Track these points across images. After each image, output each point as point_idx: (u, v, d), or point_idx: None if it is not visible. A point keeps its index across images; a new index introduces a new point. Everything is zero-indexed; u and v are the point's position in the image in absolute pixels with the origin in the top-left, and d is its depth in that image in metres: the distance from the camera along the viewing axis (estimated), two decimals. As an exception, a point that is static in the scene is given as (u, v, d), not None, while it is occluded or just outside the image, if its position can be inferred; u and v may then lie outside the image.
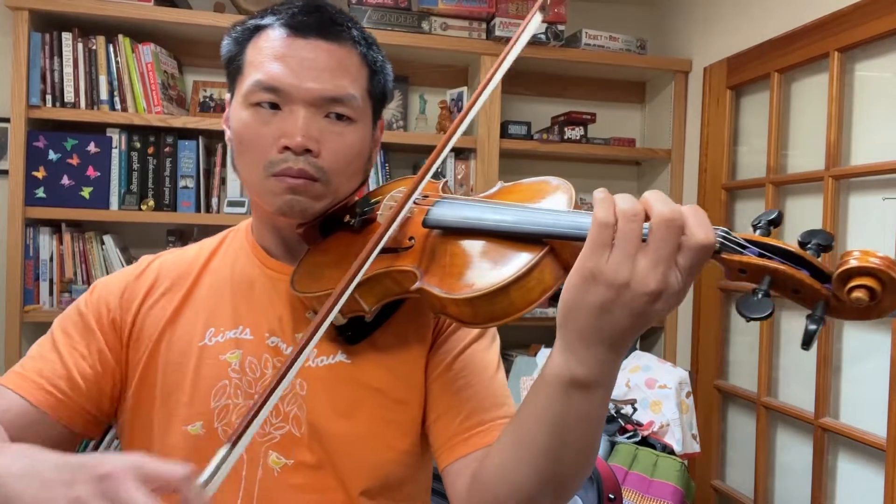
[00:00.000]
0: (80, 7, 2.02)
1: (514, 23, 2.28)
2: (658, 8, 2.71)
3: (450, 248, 0.71)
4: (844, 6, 1.75)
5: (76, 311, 0.85)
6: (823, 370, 1.80)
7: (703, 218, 0.56)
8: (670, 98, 2.53)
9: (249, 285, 0.86)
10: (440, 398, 0.82)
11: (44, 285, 2.09)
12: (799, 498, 1.92)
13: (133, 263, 0.90)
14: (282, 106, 0.78)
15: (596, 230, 0.56)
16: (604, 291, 0.56)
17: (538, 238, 0.65)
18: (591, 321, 0.58)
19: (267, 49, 0.79)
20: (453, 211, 0.74)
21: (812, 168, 1.90)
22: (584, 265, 0.57)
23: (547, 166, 2.64)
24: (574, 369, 0.60)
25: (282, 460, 0.79)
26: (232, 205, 2.20)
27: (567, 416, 0.62)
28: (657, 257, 0.55)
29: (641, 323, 0.57)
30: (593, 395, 0.61)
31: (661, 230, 0.55)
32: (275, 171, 0.78)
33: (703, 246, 0.55)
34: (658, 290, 0.55)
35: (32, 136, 2.06)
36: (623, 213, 0.56)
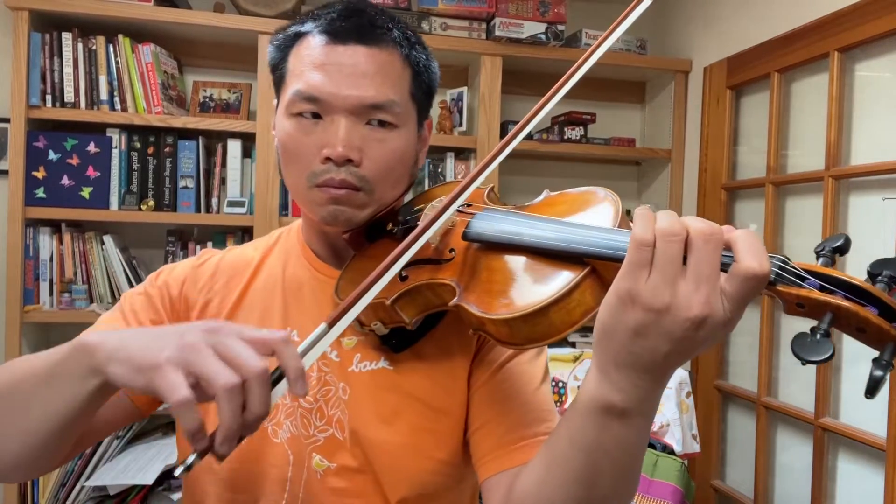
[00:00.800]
0: (80, 7, 2.02)
1: (514, 23, 2.28)
2: (658, 8, 2.71)
3: (489, 264, 0.69)
4: (844, 6, 1.75)
5: (143, 291, 0.87)
6: (823, 370, 1.80)
7: (757, 244, 0.51)
8: (670, 98, 2.53)
9: (299, 287, 0.87)
10: (482, 409, 0.81)
11: (44, 285, 2.09)
12: (799, 498, 1.92)
13: (194, 256, 0.92)
14: (322, 115, 0.78)
15: (634, 249, 0.53)
16: (641, 315, 0.52)
17: (579, 257, 0.61)
18: (626, 345, 0.54)
19: (306, 57, 0.79)
20: (493, 224, 0.71)
21: (812, 168, 1.90)
22: (622, 286, 0.53)
23: (547, 166, 2.64)
24: (609, 395, 0.56)
25: (325, 463, 0.79)
26: (232, 205, 2.20)
27: (602, 443, 0.59)
28: (698, 278, 0.51)
29: (683, 350, 0.53)
30: (630, 424, 0.57)
31: (700, 247, 0.51)
32: (318, 182, 0.78)
33: (754, 275, 0.50)
34: (701, 317, 0.51)
35: (32, 136, 2.06)
36: (662, 231, 0.52)
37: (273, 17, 2.16)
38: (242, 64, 2.31)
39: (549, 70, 2.56)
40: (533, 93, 2.60)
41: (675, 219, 0.53)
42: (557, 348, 2.20)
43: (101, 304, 2.11)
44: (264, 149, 2.16)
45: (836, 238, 0.54)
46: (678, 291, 0.51)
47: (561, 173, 2.67)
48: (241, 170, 2.23)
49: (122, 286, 2.13)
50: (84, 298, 2.11)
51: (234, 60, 2.35)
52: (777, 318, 2.05)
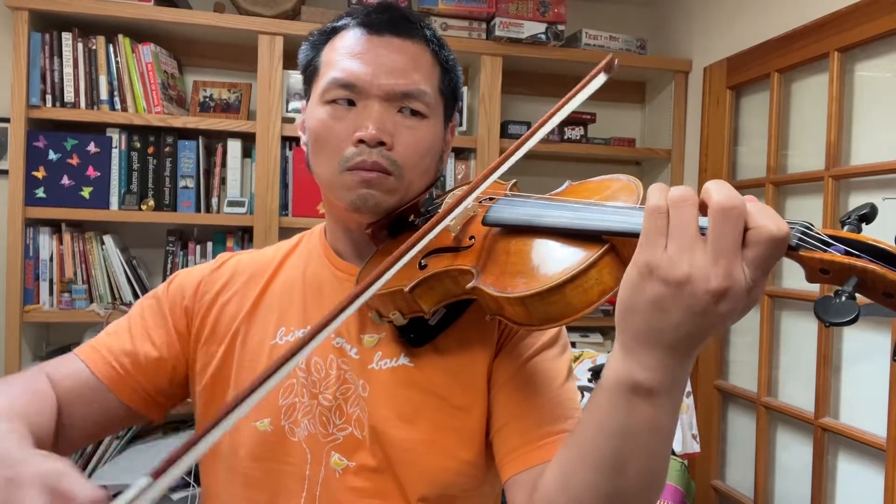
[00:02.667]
0: (80, 7, 2.02)
1: (514, 23, 2.28)
2: (658, 8, 2.71)
3: (508, 247, 0.68)
4: (844, 6, 1.75)
5: (154, 296, 0.89)
6: (823, 370, 1.80)
7: (770, 209, 0.51)
8: (670, 98, 2.53)
9: (319, 286, 0.87)
10: (506, 406, 0.79)
11: (44, 285, 2.09)
12: (799, 498, 1.92)
13: (212, 260, 0.93)
14: (357, 102, 0.80)
15: (648, 218, 0.53)
16: (660, 287, 0.52)
17: (597, 235, 0.60)
18: (648, 321, 0.53)
19: (343, 48, 0.81)
20: (512, 209, 0.72)
21: (812, 168, 1.90)
22: (640, 257, 0.53)
23: (547, 166, 2.64)
24: (634, 373, 0.55)
25: (343, 462, 0.79)
26: (232, 205, 2.20)
27: (630, 426, 0.57)
28: (717, 250, 0.50)
29: (706, 325, 0.52)
30: (657, 403, 0.56)
31: (719, 219, 0.50)
32: (349, 166, 0.79)
33: (772, 237, 0.49)
34: (721, 288, 0.50)
35: (32, 136, 2.06)
36: (673, 198, 0.52)
37: (273, 17, 2.16)
38: (242, 64, 2.31)
39: (549, 70, 2.56)
40: (533, 93, 2.60)
41: (688, 188, 0.53)
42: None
43: (101, 304, 2.11)
44: (264, 149, 2.16)
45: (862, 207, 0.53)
46: (696, 263, 0.50)
47: (561, 173, 2.67)
48: (241, 170, 2.23)
49: (122, 286, 2.13)
50: (84, 298, 2.11)
51: (234, 60, 2.35)
52: (777, 318, 2.05)
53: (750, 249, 0.50)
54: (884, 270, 0.48)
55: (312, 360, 0.82)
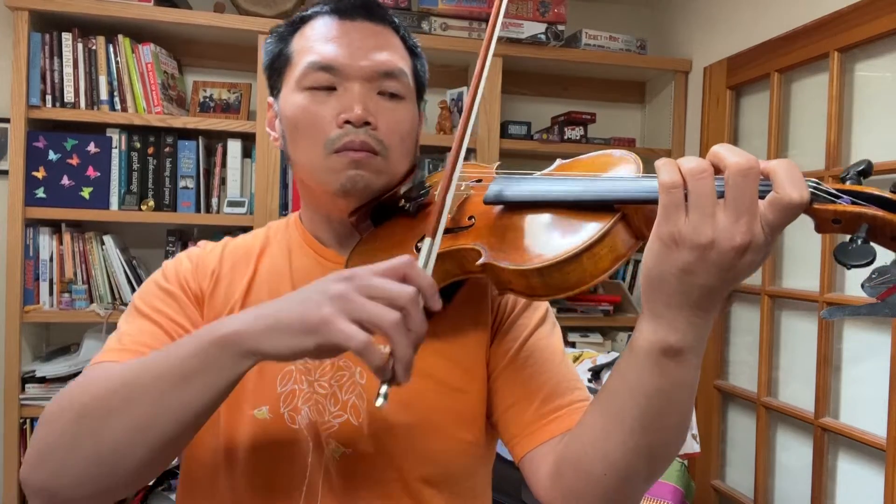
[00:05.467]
0: (80, 7, 2.02)
1: (514, 23, 2.28)
2: (658, 8, 2.71)
3: (514, 223, 0.69)
4: (844, 6, 1.75)
5: (156, 287, 0.84)
6: (823, 370, 1.80)
7: (796, 172, 0.53)
8: (670, 98, 2.53)
9: (306, 274, 0.85)
10: (510, 388, 0.81)
11: (44, 285, 2.09)
12: (799, 498, 1.92)
13: (194, 246, 0.91)
14: (337, 86, 0.80)
15: (665, 193, 0.54)
16: (687, 254, 0.54)
17: (609, 204, 0.62)
18: (679, 286, 0.56)
19: (316, 35, 0.81)
20: (514, 186, 0.72)
21: (812, 168, 1.90)
22: (663, 231, 0.55)
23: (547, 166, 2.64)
24: (666, 336, 0.58)
25: (341, 449, 0.78)
26: (232, 205, 2.20)
27: (662, 386, 0.60)
28: (738, 210, 0.52)
29: (731, 278, 0.55)
30: (687, 361, 0.60)
31: (738, 181, 0.52)
32: (336, 147, 0.78)
33: (795, 205, 0.52)
34: (745, 244, 0.53)
35: (32, 137, 2.06)
36: (690, 171, 0.54)
37: (273, 17, 2.17)
38: (242, 64, 2.31)
39: (549, 70, 2.56)
40: (533, 93, 2.60)
41: (699, 158, 0.55)
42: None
43: (101, 304, 2.11)
44: (264, 149, 2.16)
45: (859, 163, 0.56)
46: (719, 225, 0.53)
47: (561, 173, 2.67)
48: (241, 170, 2.23)
49: (122, 286, 2.13)
50: (84, 298, 2.11)
51: (234, 60, 2.35)
52: (777, 319, 2.05)
53: (771, 212, 0.53)
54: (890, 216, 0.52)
55: None
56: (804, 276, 1.94)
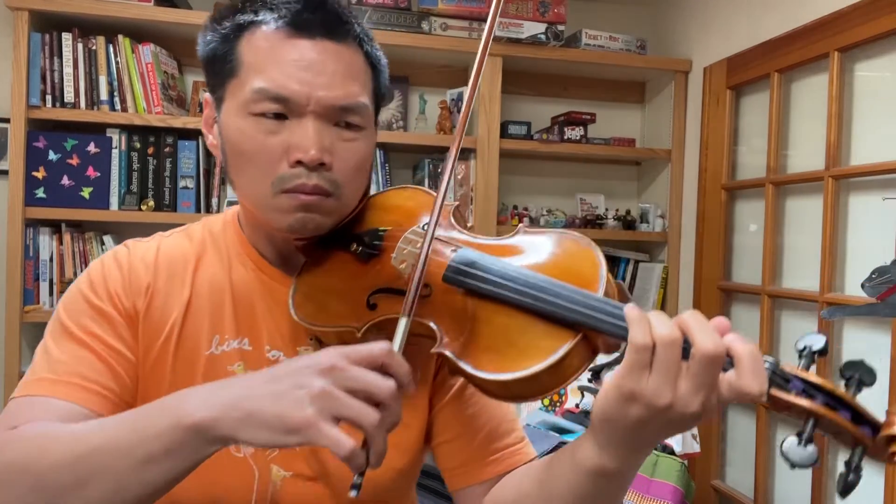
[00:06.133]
0: (80, 7, 2.02)
1: (514, 23, 2.28)
2: (658, 8, 2.71)
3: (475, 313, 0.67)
4: (844, 6, 1.75)
5: (86, 304, 0.77)
6: (823, 370, 1.80)
7: (760, 366, 0.56)
8: (670, 98, 2.53)
9: (248, 293, 0.81)
10: (451, 423, 0.83)
11: (44, 285, 2.09)
12: (799, 498, 1.92)
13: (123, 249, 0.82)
14: (289, 115, 0.72)
15: (634, 353, 0.56)
16: (643, 411, 0.57)
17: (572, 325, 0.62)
18: (626, 432, 0.59)
19: (267, 50, 0.72)
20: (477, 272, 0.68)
21: (812, 168, 1.90)
22: (624, 385, 0.57)
23: (547, 166, 2.64)
24: (609, 464, 0.62)
25: (282, 472, 0.78)
26: (232, 205, 2.19)
27: (596, 493, 0.65)
28: (699, 385, 0.55)
29: (677, 431, 0.59)
30: (623, 479, 0.65)
31: (705, 363, 0.55)
32: (286, 188, 0.72)
33: (754, 397, 0.55)
34: (699, 412, 0.56)
35: (32, 137, 2.05)
36: (661, 339, 0.56)
37: (273, 17, 2.16)
38: (242, 64, 2.31)
39: (550, 70, 2.56)
40: (533, 93, 2.60)
41: (671, 323, 0.57)
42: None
43: (101, 304, 2.11)
44: (264, 149, 2.16)
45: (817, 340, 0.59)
46: (679, 392, 0.56)
47: (561, 173, 2.67)
48: (241, 170, 2.23)
49: (122, 286, 2.13)
50: (84, 298, 2.11)
51: (234, 60, 2.35)
52: (777, 318, 2.05)
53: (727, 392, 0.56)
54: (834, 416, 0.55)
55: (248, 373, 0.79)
56: (804, 276, 1.94)
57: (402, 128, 2.44)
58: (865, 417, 0.56)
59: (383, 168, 2.33)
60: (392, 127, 2.42)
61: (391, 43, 2.23)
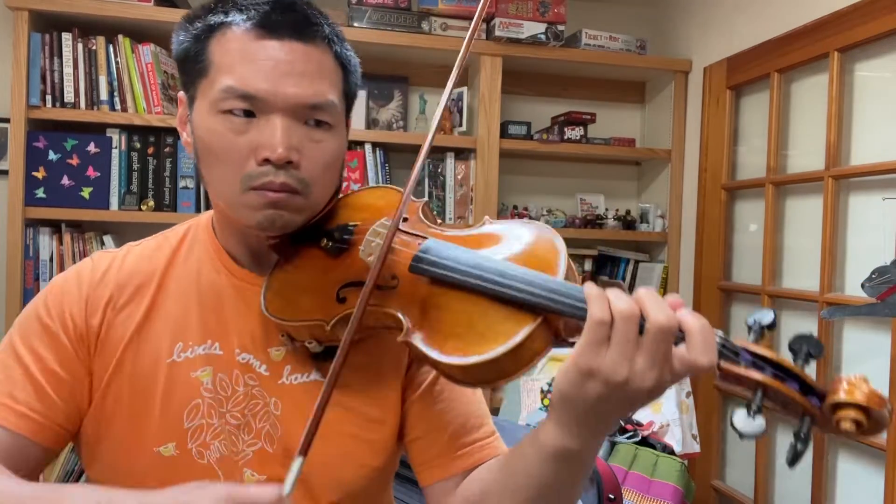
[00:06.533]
0: (79, 7, 2.02)
1: (514, 23, 2.28)
2: (658, 8, 2.71)
3: (439, 301, 0.69)
4: (844, 6, 1.75)
5: (37, 322, 0.78)
6: (823, 370, 1.80)
7: (710, 339, 0.58)
8: (670, 98, 2.53)
9: (217, 296, 0.81)
10: (421, 418, 0.83)
11: (44, 285, 2.07)
12: (799, 498, 1.92)
13: (88, 263, 0.83)
14: (257, 114, 0.73)
15: (593, 328, 0.58)
16: (601, 387, 0.59)
17: (533, 308, 0.64)
18: (588, 410, 0.61)
19: (237, 50, 0.73)
20: (442, 261, 0.69)
21: (812, 168, 1.90)
22: (582, 362, 0.59)
23: (547, 166, 2.64)
24: (568, 443, 0.64)
25: (255, 477, 0.78)
26: (232, 205, 2.20)
27: (556, 478, 0.67)
28: (653, 360, 0.58)
29: (633, 406, 0.61)
30: (582, 461, 0.67)
31: (658, 337, 0.57)
32: (254, 185, 0.73)
33: (704, 369, 0.58)
34: (654, 387, 0.58)
35: (32, 137, 2.06)
36: (620, 313, 0.58)
37: (273, 17, 2.16)
38: (242, 64, 2.31)
39: (550, 70, 2.56)
40: (533, 93, 2.60)
41: (629, 299, 0.59)
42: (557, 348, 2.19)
43: (101, 304, 2.11)
44: (264, 149, 2.16)
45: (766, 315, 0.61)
46: (635, 367, 0.58)
47: (561, 173, 2.67)
48: (241, 170, 2.23)
49: (122, 286, 2.13)
50: (84, 298, 2.11)
51: (234, 60, 2.35)
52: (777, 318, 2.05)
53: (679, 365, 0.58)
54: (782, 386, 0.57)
55: (217, 378, 0.78)
56: (804, 276, 1.94)
57: (402, 128, 2.44)
58: (813, 388, 0.57)
59: (383, 168, 2.33)
60: (392, 127, 2.42)
61: (391, 43, 2.23)
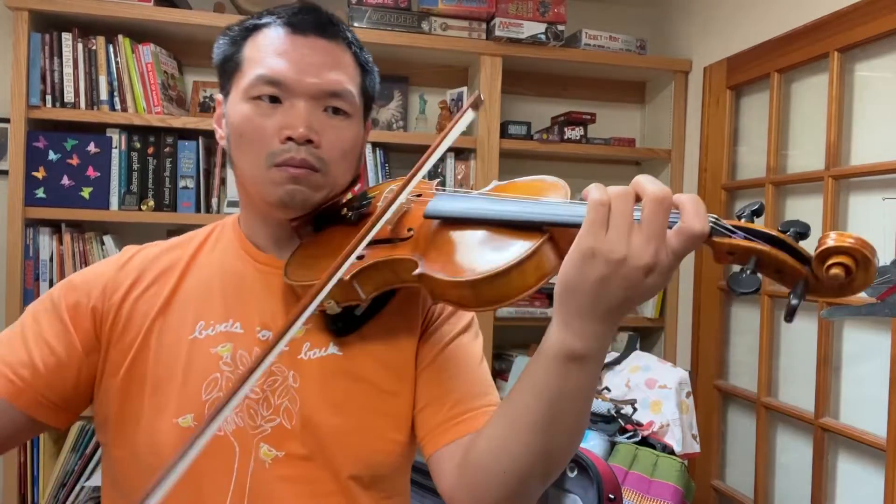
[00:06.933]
0: (79, 7, 2.02)
1: (514, 23, 2.28)
2: (658, 8, 2.71)
3: (450, 238, 0.74)
4: (844, 6, 1.75)
5: (48, 298, 0.84)
6: (823, 370, 1.80)
7: (701, 208, 0.61)
8: (670, 98, 2.53)
9: (240, 280, 0.87)
10: (427, 388, 0.85)
11: (44, 285, 2.09)
12: (799, 498, 1.92)
13: (116, 254, 0.90)
14: (282, 100, 0.81)
15: (592, 209, 0.61)
16: (602, 267, 0.61)
17: (538, 226, 0.68)
18: (590, 296, 0.62)
19: (267, 46, 0.83)
20: (453, 203, 0.77)
21: (812, 168, 1.90)
22: (583, 244, 0.62)
23: (547, 166, 2.64)
24: (572, 343, 0.65)
25: (273, 452, 0.79)
26: (232, 205, 2.20)
27: (563, 389, 0.67)
28: (649, 233, 0.60)
29: (635, 296, 0.62)
30: (588, 368, 0.66)
31: (653, 207, 0.60)
32: (277, 162, 0.81)
33: (697, 234, 0.60)
34: (651, 264, 0.60)
35: (32, 137, 2.06)
36: (616, 193, 0.62)
37: (273, 17, 2.16)
38: (242, 64, 2.31)
39: (550, 70, 2.56)
40: (533, 93, 2.60)
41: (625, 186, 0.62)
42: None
43: (101, 304, 2.11)
44: (264, 149, 2.16)
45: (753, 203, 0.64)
46: (632, 244, 0.60)
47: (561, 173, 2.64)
48: (241, 170, 2.23)
49: (122, 286, 2.13)
50: (84, 298, 2.11)
51: (234, 60, 2.35)
52: (776, 319, 2.05)
53: (676, 240, 0.61)
54: (775, 251, 0.60)
55: (238, 354, 0.82)
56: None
57: (402, 128, 2.44)
58: (803, 254, 0.60)
59: (383, 168, 2.33)
60: (392, 127, 2.42)
61: (391, 43, 2.23)
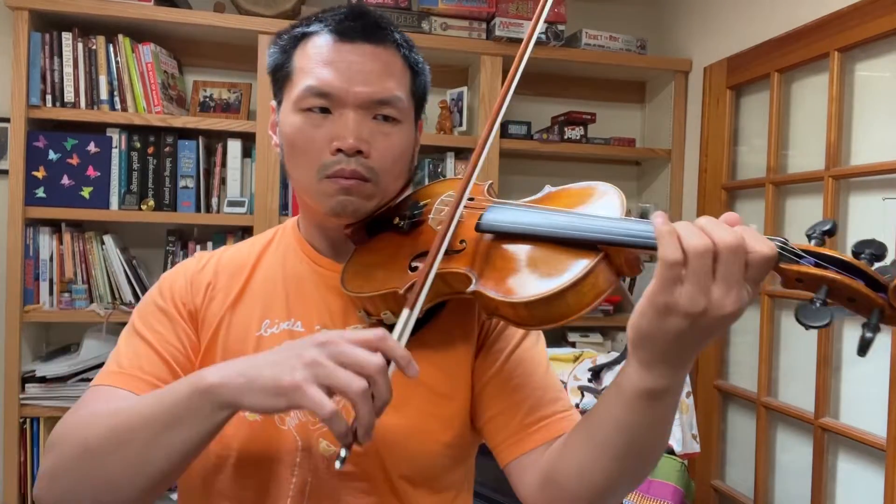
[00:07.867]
0: (80, 7, 2.02)
1: (514, 23, 2.28)
2: (658, 8, 2.71)
3: (504, 253, 0.73)
4: (844, 6, 1.75)
5: (153, 306, 0.88)
6: (823, 370, 1.80)
7: (758, 233, 0.59)
8: (670, 98, 2.53)
9: (300, 281, 0.89)
10: (497, 397, 0.85)
11: (44, 285, 2.09)
12: (799, 498, 1.92)
13: (192, 259, 0.94)
14: (332, 110, 0.82)
15: (666, 269, 0.58)
16: (680, 321, 0.58)
17: (593, 244, 0.66)
18: (668, 344, 0.61)
19: (315, 55, 0.82)
20: (506, 216, 0.76)
21: (812, 168, 1.90)
22: (658, 300, 0.59)
23: (547, 166, 2.64)
24: (653, 383, 0.64)
25: (331, 448, 0.81)
26: (232, 205, 2.20)
27: (645, 421, 0.67)
28: (729, 283, 0.57)
29: (713, 336, 0.61)
30: (667, 401, 0.66)
31: (730, 259, 0.57)
32: (328, 174, 0.81)
33: (768, 258, 0.58)
34: (734, 311, 0.58)
35: (32, 136, 2.05)
36: (694, 250, 0.57)
37: (273, 17, 2.16)
38: (242, 64, 2.31)
39: (550, 70, 2.56)
40: (533, 93, 2.60)
41: (700, 233, 0.58)
42: (557, 348, 2.19)
43: (101, 304, 2.11)
44: (264, 149, 2.16)
45: (824, 223, 0.61)
46: (712, 296, 0.57)
47: (561, 173, 2.67)
48: (241, 170, 2.23)
49: (122, 286, 2.13)
50: (84, 298, 2.11)
51: (234, 60, 2.35)
52: (777, 319, 2.05)
53: (749, 271, 0.58)
54: (848, 280, 0.56)
55: None
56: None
57: (402, 128, 2.44)
58: (879, 281, 0.56)
59: (383, 168, 2.32)
60: (392, 127, 2.42)
61: (391, 43, 2.22)
